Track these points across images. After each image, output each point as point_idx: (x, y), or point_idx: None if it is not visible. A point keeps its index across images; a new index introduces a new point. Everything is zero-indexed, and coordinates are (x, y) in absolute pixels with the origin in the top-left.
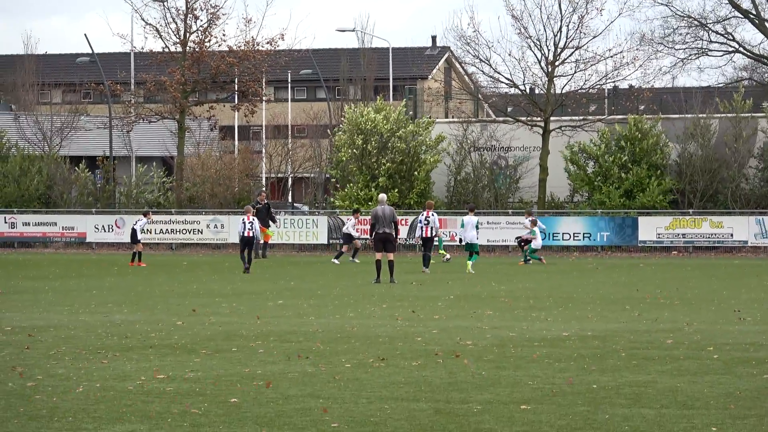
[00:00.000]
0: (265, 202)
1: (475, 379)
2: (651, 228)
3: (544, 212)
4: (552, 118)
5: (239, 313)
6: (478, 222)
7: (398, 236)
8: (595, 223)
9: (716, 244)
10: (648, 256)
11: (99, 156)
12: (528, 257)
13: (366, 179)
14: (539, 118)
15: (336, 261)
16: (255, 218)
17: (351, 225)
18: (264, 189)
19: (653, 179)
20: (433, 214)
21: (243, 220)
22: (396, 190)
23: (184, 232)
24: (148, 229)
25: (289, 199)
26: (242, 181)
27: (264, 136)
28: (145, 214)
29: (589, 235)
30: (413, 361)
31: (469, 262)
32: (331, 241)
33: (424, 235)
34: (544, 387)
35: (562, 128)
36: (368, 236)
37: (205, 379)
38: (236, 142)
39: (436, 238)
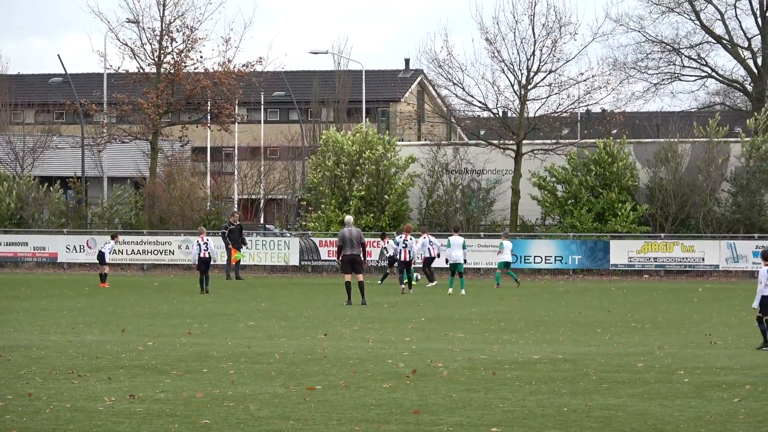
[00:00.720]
0: (238, 223)
1: (445, 401)
2: (623, 252)
3: (516, 235)
4: (524, 142)
5: (210, 334)
6: (464, 242)
7: (365, 257)
8: (567, 247)
9: (688, 268)
10: (619, 280)
11: (71, 176)
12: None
13: (338, 201)
14: (512, 142)
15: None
16: (209, 239)
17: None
18: (236, 210)
19: (626, 204)
20: (411, 238)
21: (197, 241)
22: (370, 214)
23: (156, 252)
24: (117, 250)
25: (261, 221)
26: (213, 202)
27: (236, 158)
28: (113, 237)
29: (560, 258)
30: (384, 383)
31: (462, 290)
32: (302, 263)
33: (402, 259)
34: (514, 409)
35: (535, 152)
36: (336, 258)
37: (176, 400)
38: (209, 163)
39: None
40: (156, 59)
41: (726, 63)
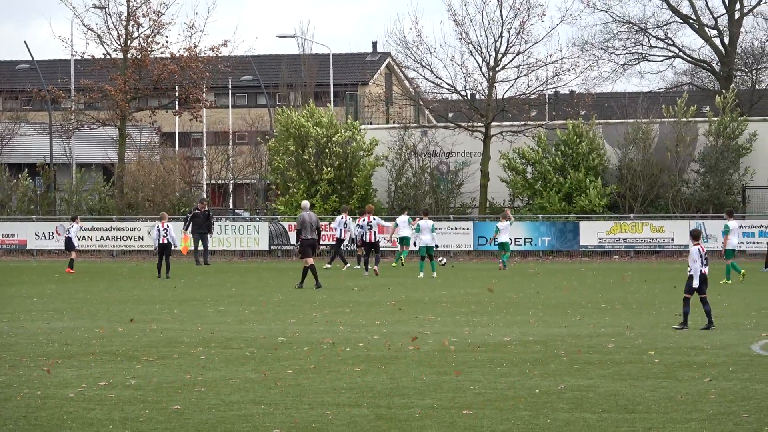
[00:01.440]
0: (206, 210)
1: (416, 384)
2: (592, 233)
3: (485, 217)
4: (493, 124)
5: (180, 319)
6: (433, 225)
7: (320, 242)
8: (536, 228)
9: (657, 249)
10: (589, 261)
11: (39, 163)
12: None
13: (306, 185)
14: (480, 124)
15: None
16: (170, 225)
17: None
18: (205, 197)
19: (591, 183)
20: (374, 218)
21: (158, 227)
22: (336, 196)
23: (125, 239)
24: (86, 236)
25: (230, 206)
26: (182, 187)
27: (204, 143)
28: (74, 219)
29: (530, 240)
30: (355, 367)
31: (434, 273)
32: (272, 247)
33: (368, 240)
34: (486, 392)
35: (503, 134)
36: (296, 241)
37: (147, 385)
38: (177, 149)
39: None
40: (123, 45)
41: (693, 42)
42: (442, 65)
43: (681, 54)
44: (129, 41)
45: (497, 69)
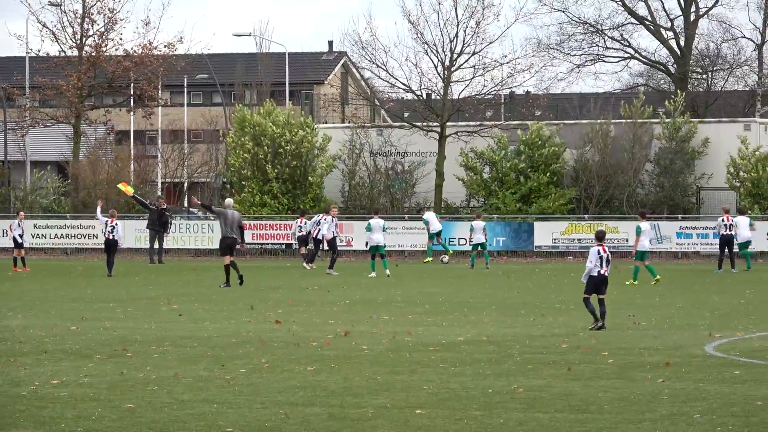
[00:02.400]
0: (164, 207)
1: (370, 383)
2: (547, 233)
3: (441, 218)
4: (448, 124)
5: (134, 318)
6: (384, 224)
7: (243, 241)
8: (491, 228)
9: (612, 250)
10: (544, 261)
11: None
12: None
13: (260, 184)
14: (435, 124)
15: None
16: (118, 223)
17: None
18: (161, 195)
19: (552, 187)
20: (327, 218)
21: (106, 222)
22: (289, 195)
23: (79, 236)
24: (40, 234)
25: (185, 204)
26: (136, 185)
27: (160, 141)
28: (17, 214)
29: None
30: (308, 366)
31: (387, 271)
32: None
33: (326, 238)
34: (439, 391)
35: (459, 134)
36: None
37: (100, 384)
38: (132, 147)
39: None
40: (78, 42)
41: (649, 44)
42: (397, 65)
43: (636, 55)
44: (84, 39)
45: (452, 69)
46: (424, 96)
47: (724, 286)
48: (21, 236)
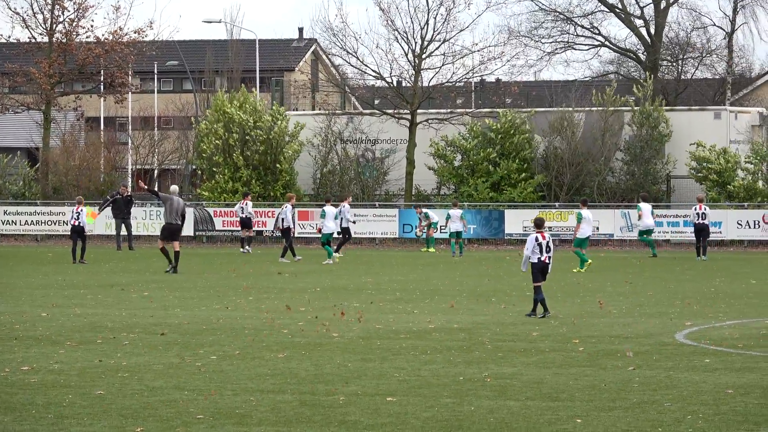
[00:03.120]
0: (127, 195)
1: (341, 371)
2: (518, 221)
3: (410, 204)
4: (419, 111)
5: (104, 304)
6: (337, 212)
7: (183, 226)
8: (463, 216)
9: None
10: (515, 249)
11: None
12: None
13: (231, 171)
14: (406, 111)
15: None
16: (84, 208)
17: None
18: (125, 183)
19: (522, 174)
20: (287, 206)
21: (72, 210)
22: (260, 182)
23: (49, 223)
24: (10, 221)
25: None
26: (107, 172)
27: (130, 128)
28: None
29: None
30: (279, 353)
31: (336, 254)
32: (197, 233)
33: (283, 227)
34: (410, 379)
35: (429, 121)
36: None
37: (70, 370)
38: (102, 133)
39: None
40: (48, 28)
41: (619, 32)
42: (368, 52)
43: (607, 43)
44: (54, 25)
45: (423, 56)
46: (395, 83)
47: (694, 275)
48: None
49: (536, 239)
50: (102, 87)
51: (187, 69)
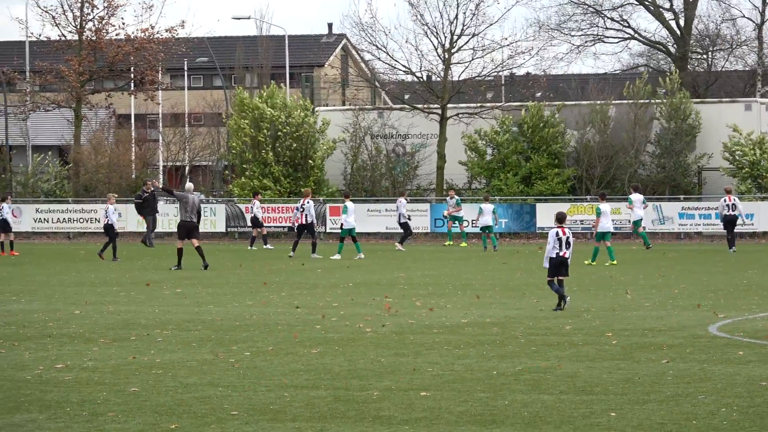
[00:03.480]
0: (152, 190)
1: (374, 366)
2: (549, 215)
3: (441, 199)
4: (449, 106)
5: (137, 302)
6: (354, 208)
7: (199, 224)
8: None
9: (614, 231)
10: (547, 242)
11: None
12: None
13: (261, 168)
14: (436, 106)
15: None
16: (111, 206)
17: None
18: (150, 178)
19: (552, 168)
20: (308, 202)
21: (106, 208)
22: (290, 179)
23: (81, 221)
24: (42, 219)
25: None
26: (138, 168)
27: (161, 124)
28: (3, 199)
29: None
30: (312, 349)
31: (360, 254)
32: (229, 229)
33: (299, 222)
34: (443, 374)
35: (459, 115)
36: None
37: (104, 368)
38: (133, 131)
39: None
40: (78, 26)
41: (649, 24)
42: (397, 47)
43: (636, 36)
44: (84, 23)
45: (453, 51)
46: (425, 78)
47: (726, 267)
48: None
49: (557, 234)
50: (132, 84)
51: (217, 65)
